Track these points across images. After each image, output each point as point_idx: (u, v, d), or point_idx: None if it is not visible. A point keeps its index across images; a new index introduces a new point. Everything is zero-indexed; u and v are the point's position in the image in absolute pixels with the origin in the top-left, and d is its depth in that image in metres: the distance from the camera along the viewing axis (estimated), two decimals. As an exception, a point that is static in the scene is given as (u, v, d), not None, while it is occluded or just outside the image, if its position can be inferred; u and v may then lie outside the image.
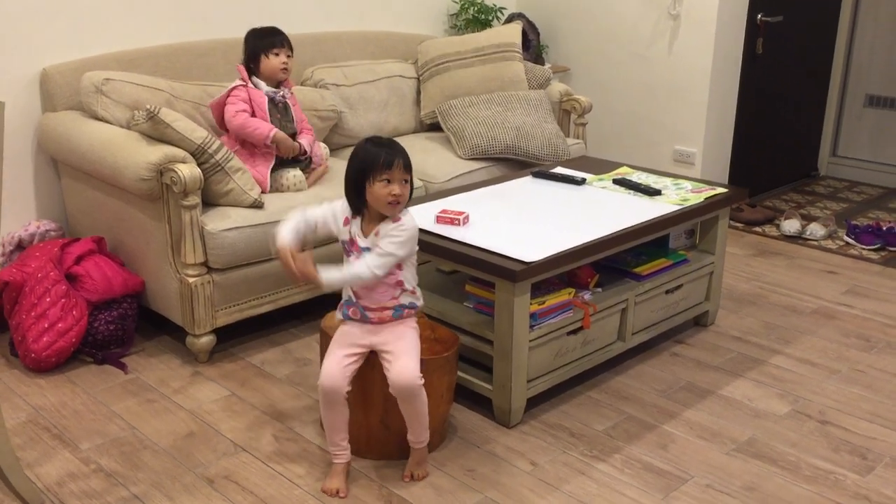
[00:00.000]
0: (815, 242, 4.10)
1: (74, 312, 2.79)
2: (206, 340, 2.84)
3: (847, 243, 4.08)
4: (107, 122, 3.00)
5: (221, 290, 2.82)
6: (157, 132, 2.77)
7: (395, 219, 2.16)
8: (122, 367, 2.84)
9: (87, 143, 2.91)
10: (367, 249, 2.16)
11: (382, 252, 2.13)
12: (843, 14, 4.96)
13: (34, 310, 2.75)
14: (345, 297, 2.26)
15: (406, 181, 2.13)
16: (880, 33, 4.91)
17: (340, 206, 2.21)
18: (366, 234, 2.17)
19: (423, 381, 2.17)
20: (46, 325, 2.73)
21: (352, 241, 2.18)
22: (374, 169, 2.10)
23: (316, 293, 3.08)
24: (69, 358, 2.83)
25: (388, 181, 2.10)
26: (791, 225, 4.18)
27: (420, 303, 2.28)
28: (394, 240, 2.14)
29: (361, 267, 2.12)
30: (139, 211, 2.87)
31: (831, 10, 4.91)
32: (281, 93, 3.11)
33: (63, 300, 2.77)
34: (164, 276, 2.85)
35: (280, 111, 3.09)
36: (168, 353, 2.96)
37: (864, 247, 4.02)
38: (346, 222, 2.19)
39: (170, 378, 2.79)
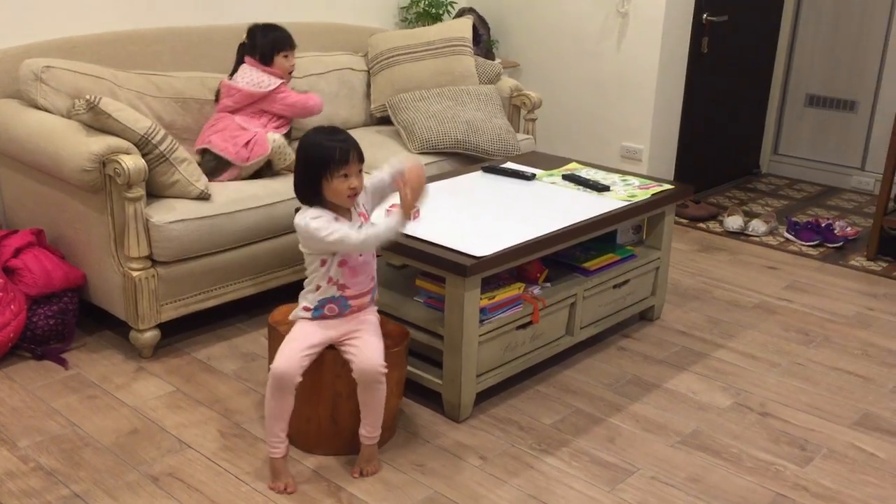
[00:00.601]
0: (757, 239, 4.20)
1: (12, 307, 2.71)
2: (151, 335, 2.79)
3: (787, 239, 4.18)
4: (46, 110, 2.92)
5: (166, 284, 2.77)
6: (98, 122, 2.70)
7: (362, 214, 2.20)
8: (63, 362, 2.77)
9: (26, 133, 2.82)
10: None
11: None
12: (786, 15, 5.08)
13: (-30, 304, 2.66)
14: (318, 299, 2.21)
15: (360, 171, 2.13)
16: (821, 35, 5.03)
17: (317, 212, 2.15)
18: None
19: (387, 369, 2.16)
20: (-17, 320, 2.65)
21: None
22: (331, 164, 2.08)
23: (262, 287, 3.04)
24: (7, 353, 2.75)
25: (346, 175, 2.09)
26: (734, 221, 4.26)
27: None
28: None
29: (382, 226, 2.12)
30: (80, 203, 2.80)
31: (774, 11, 5.02)
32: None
33: (0, 294, 2.69)
34: (106, 270, 2.79)
35: None
36: (110, 348, 2.89)
37: (803, 243, 4.12)
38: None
39: (112, 374, 2.73)
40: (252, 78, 3.19)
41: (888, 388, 2.81)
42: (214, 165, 3.03)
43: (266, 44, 3.23)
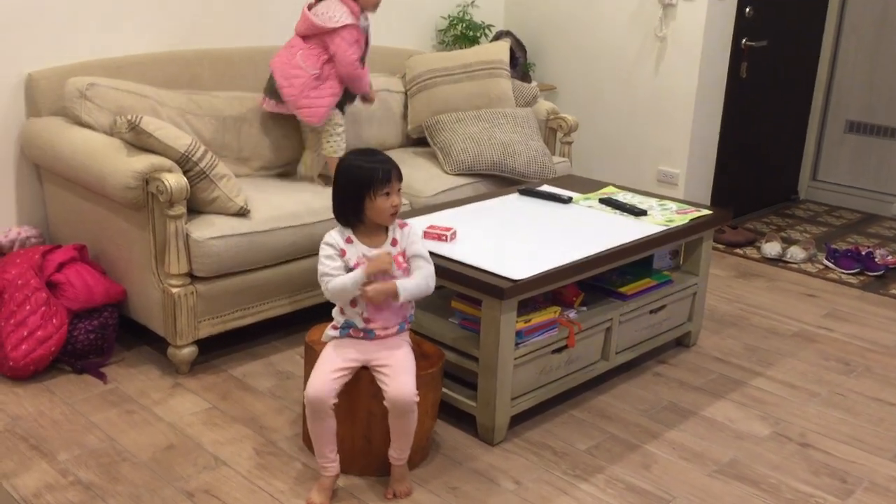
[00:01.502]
0: (796, 265, 4.14)
1: (54, 321, 2.75)
2: (188, 352, 2.81)
3: (826, 267, 4.13)
4: (91, 127, 2.97)
5: (205, 301, 2.80)
6: (139, 141, 2.75)
7: (401, 224, 2.24)
8: (102, 377, 2.81)
9: (71, 150, 2.88)
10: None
11: (427, 257, 2.23)
12: (826, 41, 5.04)
13: (13, 317, 2.71)
14: (342, 320, 2.23)
15: (399, 189, 2.19)
16: (861, 61, 4.98)
17: (333, 240, 2.20)
18: (373, 247, 2.19)
19: (418, 398, 2.17)
20: (26, 334, 2.69)
21: (357, 264, 2.17)
22: (373, 184, 2.13)
23: (298, 306, 3.07)
24: (48, 367, 2.79)
25: (388, 194, 2.13)
26: (772, 248, 4.22)
27: (413, 314, 2.33)
28: (422, 242, 2.27)
29: (421, 281, 2.19)
30: (123, 219, 2.84)
31: (814, 37, 4.98)
32: (368, 23, 3.28)
33: (43, 308, 2.74)
34: (146, 286, 2.82)
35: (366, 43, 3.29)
36: (148, 363, 2.92)
37: (843, 271, 4.06)
38: (344, 253, 2.18)
39: (150, 389, 2.76)
40: (326, 8, 3.14)
41: (932, 421, 2.75)
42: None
43: None
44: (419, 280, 2.19)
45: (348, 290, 2.15)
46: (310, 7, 3.21)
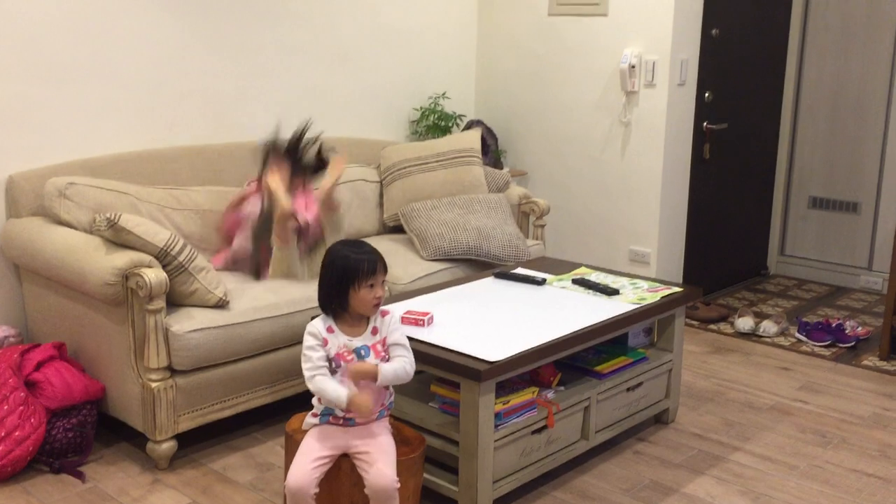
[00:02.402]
0: (769, 339, 4.21)
1: (32, 420, 2.73)
2: (168, 447, 2.80)
3: (799, 340, 4.20)
4: (70, 225, 3.02)
5: (184, 394, 2.80)
6: (118, 238, 2.79)
7: (382, 313, 2.29)
8: (80, 476, 2.78)
9: (51, 248, 2.92)
10: (364, 350, 2.23)
11: (407, 344, 2.27)
12: (784, 121, 5.24)
13: (-9, 417, 2.69)
14: (322, 408, 2.26)
15: (383, 281, 2.26)
16: (819, 139, 5.18)
17: (316, 329, 2.24)
18: (353, 336, 2.23)
19: (399, 484, 2.17)
20: (3, 434, 2.67)
21: (339, 355, 2.21)
22: (358, 276, 2.19)
23: (279, 396, 3.07)
24: (25, 467, 2.76)
25: (372, 285, 2.18)
26: (745, 322, 4.29)
27: (393, 400, 2.35)
28: (402, 330, 2.30)
29: (398, 367, 2.22)
30: (102, 315, 2.87)
31: (772, 117, 5.19)
32: None
33: (21, 408, 2.72)
34: (125, 381, 2.83)
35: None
36: (127, 460, 2.90)
37: (815, 343, 4.14)
38: (326, 343, 2.22)
39: (129, 486, 2.73)
40: None
41: (910, 490, 2.78)
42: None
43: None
44: (397, 365, 2.23)
45: (327, 399, 2.18)
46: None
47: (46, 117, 3.29)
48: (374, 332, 2.26)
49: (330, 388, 2.16)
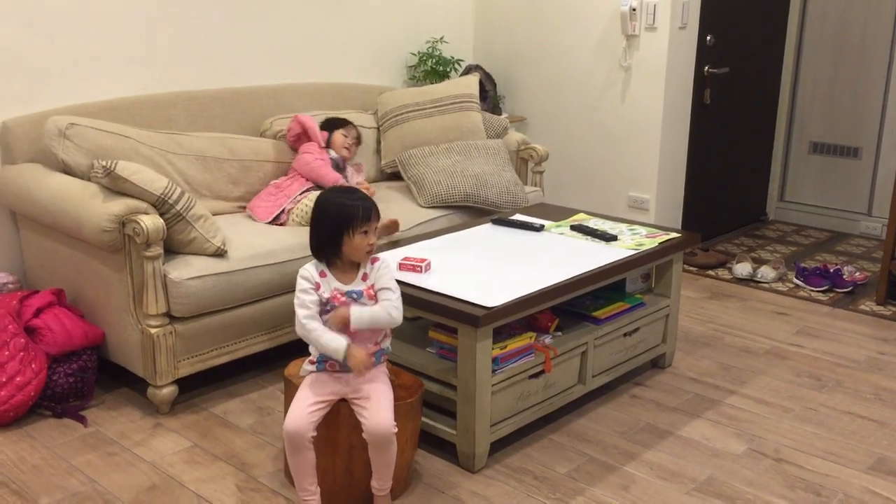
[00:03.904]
0: (766, 285, 4.22)
1: (33, 366, 2.76)
2: (168, 391, 2.83)
3: (796, 285, 4.21)
4: (68, 166, 2.99)
5: (184, 341, 2.82)
6: (116, 186, 2.77)
7: (372, 260, 2.27)
8: (82, 420, 2.81)
9: (48, 195, 2.91)
10: (356, 294, 2.21)
11: (395, 288, 2.24)
12: (786, 66, 5.18)
13: (-8, 363, 2.71)
14: (318, 354, 2.26)
15: (376, 228, 2.23)
16: (820, 84, 5.12)
17: (308, 273, 2.24)
18: (345, 283, 2.21)
19: (397, 429, 2.19)
20: (4, 379, 2.70)
21: (332, 297, 2.21)
22: (353, 222, 2.17)
23: (277, 342, 3.09)
24: (28, 412, 2.79)
25: (366, 232, 2.18)
26: (743, 268, 4.30)
27: (390, 345, 2.35)
28: (391, 275, 2.26)
29: (379, 310, 2.20)
30: (100, 262, 2.87)
31: (774, 62, 5.12)
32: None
33: (21, 353, 2.74)
34: (125, 328, 2.84)
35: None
36: (128, 405, 2.93)
37: (812, 289, 4.15)
38: (318, 287, 2.22)
39: (130, 431, 2.76)
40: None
41: (902, 432, 2.81)
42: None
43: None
44: (377, 308, 2.21)
45: (321, 347, 2.19)
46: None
47: (39, 63, 3.24)
48: (364, 278, 2.25)
49: (326, 342, 2.17)
